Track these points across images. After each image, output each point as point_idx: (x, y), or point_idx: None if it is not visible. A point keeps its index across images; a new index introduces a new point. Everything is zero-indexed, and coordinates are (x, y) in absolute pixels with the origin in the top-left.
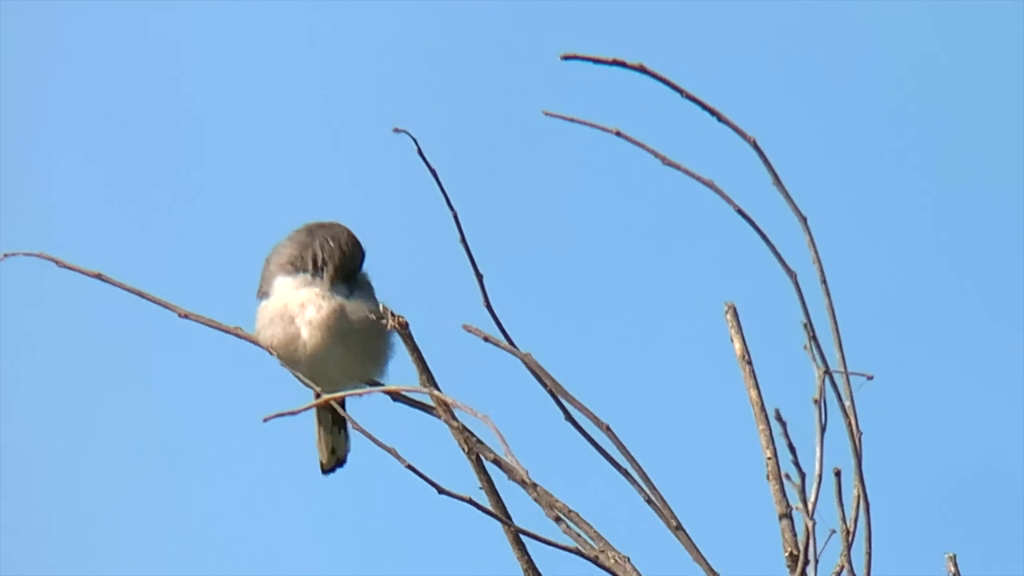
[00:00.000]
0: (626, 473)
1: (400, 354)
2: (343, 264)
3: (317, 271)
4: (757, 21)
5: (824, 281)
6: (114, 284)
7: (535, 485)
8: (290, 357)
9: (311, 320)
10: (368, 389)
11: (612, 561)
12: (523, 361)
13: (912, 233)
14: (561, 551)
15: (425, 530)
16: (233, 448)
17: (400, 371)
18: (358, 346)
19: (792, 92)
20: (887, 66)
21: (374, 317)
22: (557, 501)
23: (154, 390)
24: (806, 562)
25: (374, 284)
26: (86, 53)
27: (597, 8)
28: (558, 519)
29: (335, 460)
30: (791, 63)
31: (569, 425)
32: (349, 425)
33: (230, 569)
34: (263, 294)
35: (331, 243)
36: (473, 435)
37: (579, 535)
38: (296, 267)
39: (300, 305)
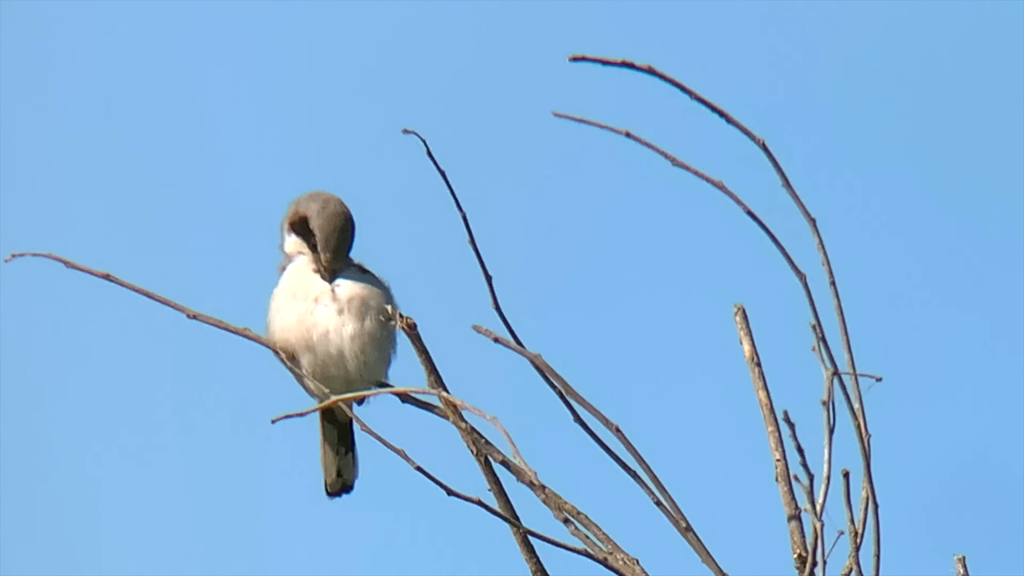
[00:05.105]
0: (635, 475)
1: (408, 355)
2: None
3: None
4: (766, 22)
5: (833, 283)
6: (122, 285)
7: (544, 487)
8: (304, 343)
9: (331, 303)
10: (376, 391)
11: (621, 563)
12: (532, 362)
13: (921, 235)
14: (570, 553)
15: (434, 532)
16: (241, 449)
17: (408, 372)
18: (374, 331)
19: (801, 93)
20: (897, 67)
21: (383, 318)
22: (566, 503)
23: (162, 391)
24: (814, 563)
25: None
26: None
27: (606, 9)
28: (567, 521)
29: (341, 484)
30: (799, 64)
31: (578, 426)
32: (357, 449)
33: (237, 570)
34: (282, 268)
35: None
36: (482, 436)
37: (588, 537)
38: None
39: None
